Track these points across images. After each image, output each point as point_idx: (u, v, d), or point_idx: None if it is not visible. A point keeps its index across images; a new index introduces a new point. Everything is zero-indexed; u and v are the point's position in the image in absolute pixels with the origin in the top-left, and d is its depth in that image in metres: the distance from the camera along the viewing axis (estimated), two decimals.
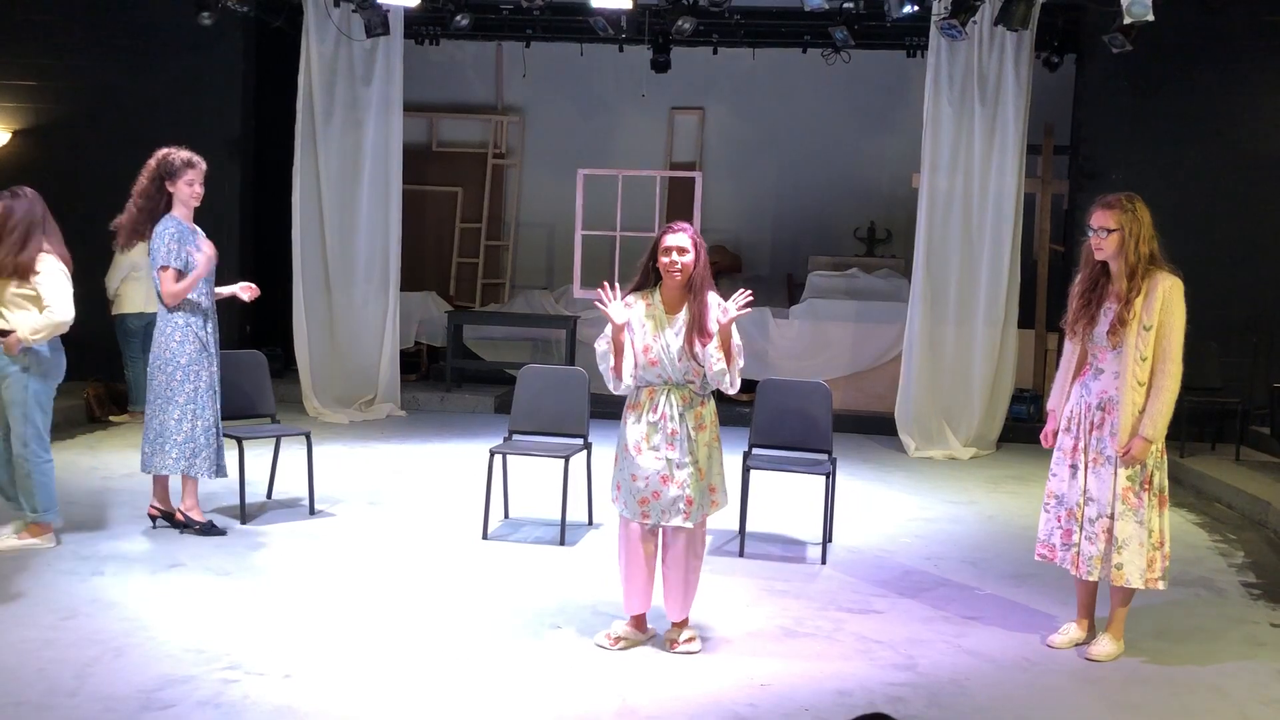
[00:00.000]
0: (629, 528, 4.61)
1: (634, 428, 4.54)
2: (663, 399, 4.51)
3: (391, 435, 9.26)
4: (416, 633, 4.71)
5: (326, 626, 4.75)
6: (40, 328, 5.39)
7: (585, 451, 6.42)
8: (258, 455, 6.89)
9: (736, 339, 4.49)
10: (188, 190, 5.87)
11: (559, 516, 6.17)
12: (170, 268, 5.76)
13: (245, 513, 6.29)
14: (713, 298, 4.55)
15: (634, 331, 4.52)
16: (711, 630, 4.81)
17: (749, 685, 4.30)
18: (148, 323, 9.13)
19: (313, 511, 6.54)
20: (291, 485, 6.90)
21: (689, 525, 4.50)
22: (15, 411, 5.50)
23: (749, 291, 4.48)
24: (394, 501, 6.99)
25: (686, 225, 4.55)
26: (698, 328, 4.45)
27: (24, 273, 5.38)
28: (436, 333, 11.58)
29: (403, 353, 10.66)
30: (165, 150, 5.91)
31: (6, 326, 5.40)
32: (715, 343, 4.45)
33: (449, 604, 5.10)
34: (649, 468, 4.49)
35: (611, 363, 4.52)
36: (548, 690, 4.18)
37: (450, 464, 8.11)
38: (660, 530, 4.60)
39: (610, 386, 4.60)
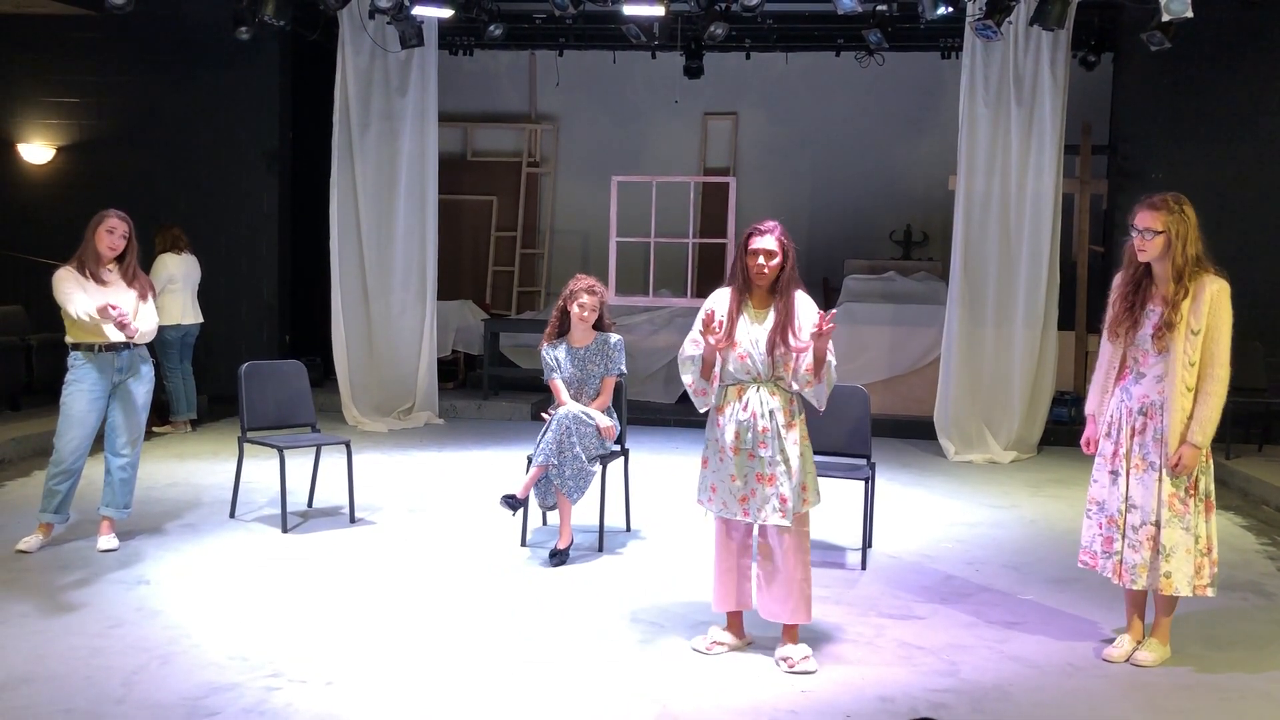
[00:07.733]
0: (724, 526, 4.64)
1: (726, 429, 4.52)
2: (752, 394, 4.49)
3: (430, 443, 9.31)
4: (456, 640, 4.73)
5: (368, 634, 4.78)
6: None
7: (623, 458, 6.43)
8: (298, 464, 6.95)
9: (831, 357, 4.46)
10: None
11: (597, 523, 6.19)
12: None
13: (286, 522, 6.35)
14: (802, 298, 4.53)
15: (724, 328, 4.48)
16: (752, 637, 4.79)
17: (790, 692, 4.28)
18: (184, 334, 9.26)
19: (353, 520, 6.59)
20: (332, 494, 6.96)
21: (787, 523, 4.48)
22: (145, 405, 5.92)
23: (833, 312, 4.45)
24: (433, 509, 7.03)
25: (774, 225, 4.50)
26: (783, 328, 4.45)
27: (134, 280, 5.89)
28: (473, 341, 11.63)
29: (440, 361, 10.72)
30: None
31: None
32: (808, 357, 4.42)
33: (488, 611, 5.11)
34: (745, 467, 4.48)
35: (697, 372, 4.51)
36: (587, 696, 4.18)
37: (489, 471, 8.14)
38: (764, 532, 4.59)
39: (697, 404, 4.59)
